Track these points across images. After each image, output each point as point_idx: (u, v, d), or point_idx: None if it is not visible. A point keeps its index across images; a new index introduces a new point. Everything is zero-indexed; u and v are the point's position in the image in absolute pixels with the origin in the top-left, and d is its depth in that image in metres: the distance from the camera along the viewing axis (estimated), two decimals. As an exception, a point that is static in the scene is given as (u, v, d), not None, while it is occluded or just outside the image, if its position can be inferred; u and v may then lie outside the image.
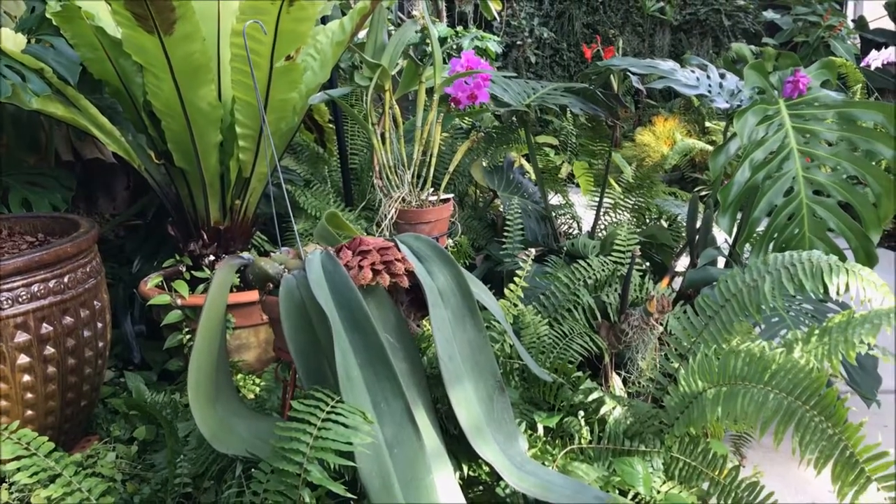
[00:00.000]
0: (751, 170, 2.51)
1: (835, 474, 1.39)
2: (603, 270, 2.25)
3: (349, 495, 1.39)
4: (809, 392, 1.45)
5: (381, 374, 1.51)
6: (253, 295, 2.29)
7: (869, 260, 2.48)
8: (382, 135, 2.39)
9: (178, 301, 2.25)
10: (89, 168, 3.09)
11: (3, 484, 1.78)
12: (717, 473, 1.82)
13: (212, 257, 2.35)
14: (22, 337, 1.73)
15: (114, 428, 2.01)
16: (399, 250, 1.63)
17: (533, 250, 2.13)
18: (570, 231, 3.64)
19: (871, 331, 1.54)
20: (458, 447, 1.68)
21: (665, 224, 3.39)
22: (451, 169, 2.45)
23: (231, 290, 2.33)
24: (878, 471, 1.33)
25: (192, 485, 1.75)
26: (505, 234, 2.91)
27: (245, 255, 1.67)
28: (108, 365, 2.19)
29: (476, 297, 1.70)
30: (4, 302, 1.69)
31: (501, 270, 2.86)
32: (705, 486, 1.83)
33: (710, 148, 5.76)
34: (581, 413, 1.83)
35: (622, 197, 3.28)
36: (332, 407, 1.42)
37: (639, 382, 2.21)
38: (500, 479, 1.73)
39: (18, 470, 1.20)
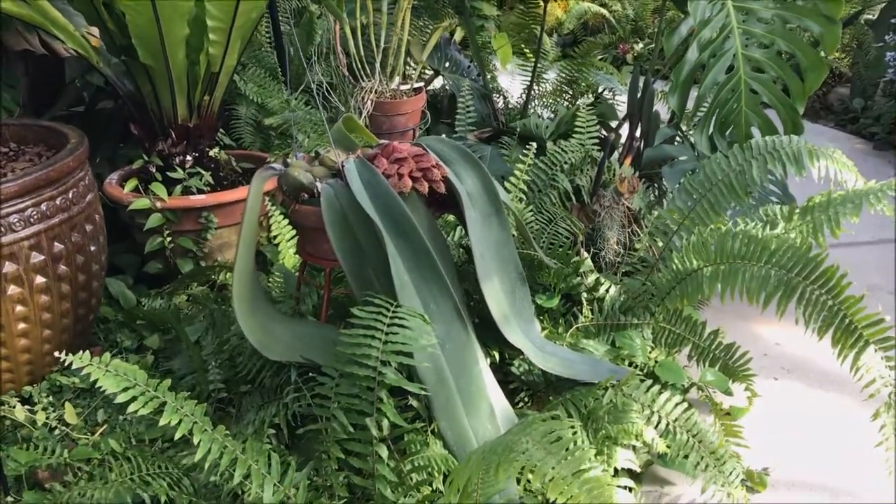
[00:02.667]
0: (699, 49, 2.63)
1: (835, 339, 1.60)
2: (576, 155, 2.36)
3: (424, 392, 1.48)
4: (809, 269, 1.64)
5: (428, 276, 1.58)
6: (234, 194, 2.27)
7: (795, 129, 2.70)
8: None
9: (158, 204, 2.19)
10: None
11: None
12: (697, 338, 2.04)
13: (188, 157, 2.28)
14: (37, 258, 1.68)
15: (121, 338, 2.00)
16: (430, 155, 1.67)
17: (536, 145, 2.18)
18: (497, 105, 3.70)
19: (854, 210, 1.73)
20: (484, 333, 1.79)
21: (591, 98, 3.52)
22: (423, 57, 2.44)
23: (203, 191, 2.30)
24: (875, 335, 1.56)
25: (226, 389, 1.80)
26: (456, 116, 2.95)
27: (276, 164, 1.66)
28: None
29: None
30: (16, 223, 1.63)
31: (456, 153, 2.91)
32: (687, 349, 2.05)
33: (605, 11, 5.87)
34: (584, 294, 1.98)
35: (561, 69, 3.35)
36: (394, 312, 1.49)
37: (607, 258, 2.39)
38: (513, 360, 1.87)
39: (130, 401, 1.22)
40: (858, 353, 1.56)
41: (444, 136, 2.39)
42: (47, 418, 1.71)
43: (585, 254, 2.38)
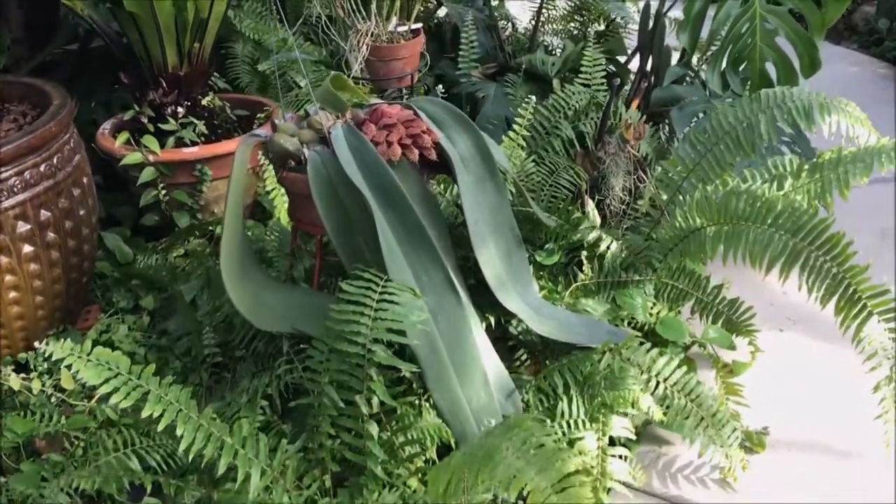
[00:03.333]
0: (712, -19, 2.51)
1: (838, 308, 1.56)
2: (581, 99, 2.28)
3: (414, 369, 1.47)
4: (814, 234, 1.59)
5: (419, 248, 1.54)
6: (228, 146, 2.22)
7: (812, 65, 2.59)
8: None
9: (150, 158, 2.15)
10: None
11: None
12: (701, 293, 2.00)
13: (179, 109, 2.22)
14: (23, 227, 1.65)
15: (118, 298, 1.99)
16: (421, 119, 1.61)
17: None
18: (504, 33, 3.55)
19: (865, 170, 1.66)
20: (479, 297, 1.76)
21: (602, 25, 3.38)
22: (422, -4, 2.33)
23: (197, 142, 2.25)
24: (879, 306, 1.51)
25: (221, 353, 1.79)
26: (460, 52, 2.85)
27: (260, 131, 1.61)
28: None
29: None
30: (1, 194, 1.59)
31: (459, 92, 2.82)
32: (690, 304, 2.02)
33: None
34: (584, 253, 1.94)
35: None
36: (383, 287, 1.46)
37: (612, 206, 2.33)
38: (511, 320, 1.85)
39: (112, 393, 1.21)
40: (861, 324, 1.53)
41: (439, 90, 2.31)
42: (43, 385, 1.71)
43: (591, 202, 2.32)
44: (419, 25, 2.30)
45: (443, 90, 2.40)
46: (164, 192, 2.19)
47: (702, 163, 1.90)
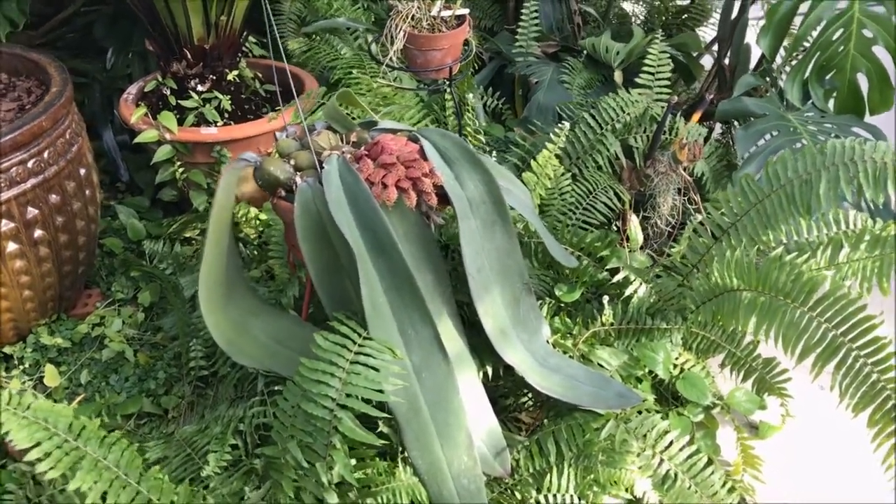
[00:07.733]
0: (803, -21, 2.22)
1: (872, 420, 1.37)
2: (633, 111, 2.05)
3: (380, 442, 1.36)
4: (859, 330, 1.39)
5: (407, 300, 1.41)
6: (248, 129, 2.09)
7: (913, 78, 2.31)
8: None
9: (167, 136, 2.04)
10: None
11: None
12: (734, 347, 1.82)
13: (201, 87, 2.09)
14: (7, 225, 1.58)
15: (115, 289, 1.92)
16: (425, 156, 1.44)
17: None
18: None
19: (932, 259, 1.44)
20: (480, 341, 1.63)
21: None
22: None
23: (218, 122, 2.13)
24: (920, 430, 1.32)
25: (207, 367, 1.72)
26: (519, 25, 2.63)
27: (250, 155, 1.48)
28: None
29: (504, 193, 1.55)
30: (-20, 193, 1.52)
31: (513, 73, 2.61)
32: (721, 357, 1.84)
33: None
34: (606, 297, 1.77)
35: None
36: (360, 346, 1.34)
37: (657, 225, 2.14)
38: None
39: (42, 459, 1.14)
40: (896, 446, 1.34)
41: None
42: (23, 384, 1.67)
43: (635, 219, 2.13)
44: (466, 11, 2.09)
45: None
46: (181, 170, 2.09)
47: (751, 213, 1.69)
